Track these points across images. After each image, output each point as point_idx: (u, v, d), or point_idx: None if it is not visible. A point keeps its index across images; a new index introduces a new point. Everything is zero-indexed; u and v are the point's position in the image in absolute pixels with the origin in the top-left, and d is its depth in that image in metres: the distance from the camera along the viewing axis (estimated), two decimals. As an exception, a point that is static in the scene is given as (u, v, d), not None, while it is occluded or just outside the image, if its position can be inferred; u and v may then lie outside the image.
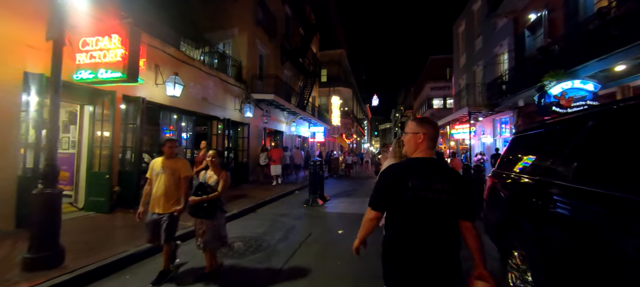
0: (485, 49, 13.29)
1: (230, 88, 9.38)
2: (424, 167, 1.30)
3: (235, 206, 6.06)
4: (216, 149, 8.75)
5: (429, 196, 1.23)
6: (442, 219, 1.25)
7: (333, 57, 30.03)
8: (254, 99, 10.46)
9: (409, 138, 1.38)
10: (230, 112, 9.38)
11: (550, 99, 5.89)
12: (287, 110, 13.51)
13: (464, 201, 1.27)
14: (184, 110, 7.36)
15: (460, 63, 17.35)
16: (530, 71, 8.11)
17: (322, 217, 5.71)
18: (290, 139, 15.37)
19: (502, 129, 12.07)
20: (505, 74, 10.59)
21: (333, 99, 23.23)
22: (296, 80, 16.29)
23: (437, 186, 1.24)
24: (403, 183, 1.26)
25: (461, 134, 14.40)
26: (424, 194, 1.23)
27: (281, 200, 7.66)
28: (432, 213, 1.24)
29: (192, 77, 7.53)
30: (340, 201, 7.47)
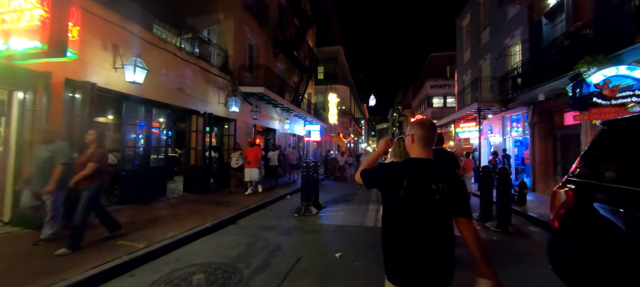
0: (493, 41, 12.36)
1: (213, 79, 8.28)
2: (420, 167, 1.35)
3: (213, 215, 4.98)
4: (195, 147, 7.71)
5: (423, 195, 1.29)
6: (437, 217, 1.29)
7: (330, 54, 29.06)
8: (241, 92, 9.38)
9: (407, 140, 1.47)
10: (214, 106, 8.29)
11: (589, 88, 4.91)
12: (280, 106, 12.44)
13: (459, 200, 1.30)
14: (154, 102, 6.25)
15: (465, 58, 16.44)
16: (554, 60, 7.16)
17: (315, 232, 4.66)
18: (284, 138, 14.30)
19: (513, 127, 11.14)
20: (518, 67, 9.65)
21: (330, 96, 22.21)
22: (290, 74, 15.22)
23: (432, 186, 1.29)
24: (399, 181, 1.32)
25: (467, 133, 13.46)
26: (418, 193, 1.29)
27: (270, 207, 6.59)
28: (427, 211, 1.29)
29: (165, 63, 6.43)
30: (337, 209, 6.43)
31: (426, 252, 1.27)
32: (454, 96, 26.96)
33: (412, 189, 1.29)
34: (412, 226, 1.29)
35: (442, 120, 16.34)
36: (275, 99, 10.79)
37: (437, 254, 1.28)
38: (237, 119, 9.13)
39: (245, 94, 9.66)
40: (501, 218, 4.74)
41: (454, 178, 1.32)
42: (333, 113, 22.24)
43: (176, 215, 5.04)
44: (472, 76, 14.77)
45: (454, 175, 1.34)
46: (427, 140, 1.38)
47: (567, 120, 8.18)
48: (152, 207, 5.55)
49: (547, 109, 8.65)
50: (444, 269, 1.28)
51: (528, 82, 8.62)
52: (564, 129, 8.25)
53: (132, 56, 5.11)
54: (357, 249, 3.77)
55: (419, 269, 1.27)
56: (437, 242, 1.28)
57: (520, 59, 10.00)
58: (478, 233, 1.32)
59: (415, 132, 1.40)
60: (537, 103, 8.96)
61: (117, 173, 5.64)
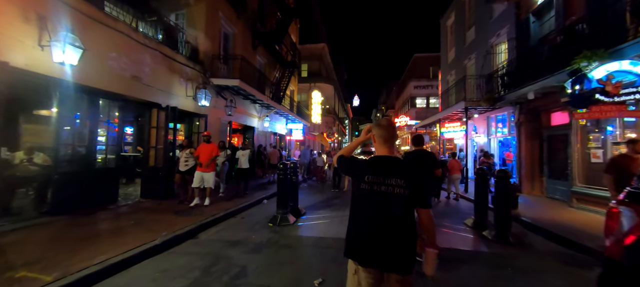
0: (478, 40, 12.21)
1: (179, 68, 7.27)
2: (381, 164, 1.50)
3: (168, 227, 4.09)
4: (155, 146, 6.68)
5: (382, 189, 1.45)
6: (395, 208, 1.43)
7: (314, 52, 28.38)
8: (214, 85, 8.42)
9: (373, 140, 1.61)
10: (180, 99, 7.29)
11: (590, 84, 4.54)
12: (260, 102, 11.54)
13: (416, 193, 1.43)
14: (100, 91, 5.20)
15: (449, 58, 16.35)
16: (545, 57, 6.89)
17: (291, 248, 3.90)
18: (264, 136, 13.39)
19: (498, 127, 11.01)
20: (504, 66, 9.44)
21: (313, 93, 21.49)
22: (271, 69, 14.33)
23: (392, 181, 1.44)
24: (362, 176, 1.50)
25: (452, 133, 13.26)
26: (378, 188, 1.46)
27: (243, 214, 5.76)
28: (386, 203, 1.44)
29: (115, 45, 5.40)
30: (318, 217, 5.71)
31: (382, 235, 1.42)
32: (437, 97, 27.23)
33: (372, 183, 1.46)
34: (372, 216, 1.46)
35: (426, 120, 16.16)
36: (253, 94, 9.90)
37: (394, 238, 1.42)
38: (208, 114, 8.17)
39: (219, 87, 8.70)
40: (501, 227, 4.24)
41: (412, 174, 1.45)
42: (316, 111, 21.54)
43: (120, 229, 4.09)
44: (456, 76, 14.65)
45: (412, 170, 1.47)
46: (384, 138, 1.53)
47: (554, 120, 8.02)
48: (92, 219, 4.54)
49: (535, 108, 8.46)
50: (400, 253, 1.42)
51: (515, 81, 8.38)
52: (551, 129, 8.07)
53: (64, 32, 4.09)
54: (340, 271, 3.07)
55: (375, 251, 1.42)
56: (395, 230, 1.42)
57: (507, 58, 9.82)
58: (433, 221, 1.49)
59: (375, 132, 1.56)
60: (524, 103, 8.77)
61: (47, 177, 4.57)
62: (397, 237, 1.41)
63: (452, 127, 13.09)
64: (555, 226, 4.84)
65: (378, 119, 52.84)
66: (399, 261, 1.41)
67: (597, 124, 6.40)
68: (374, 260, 1.42)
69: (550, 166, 8.03)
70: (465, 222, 5.26)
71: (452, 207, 7.22)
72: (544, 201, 7.40)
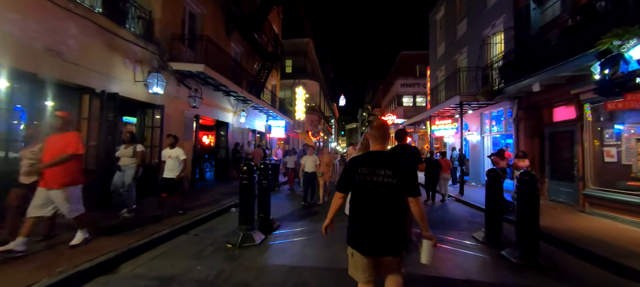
0: (471, 33, 11.53)
1: (124, 47, 5.86)
2: (372, 157, 1.72)
3: (80, 255, 2.78)
4: (87, 142, 5.21)
5: (374, 179, 1.65)
6: (386, 197, 1.63)
7: (299, 47, 27.18)
8: (173, 70, 7.03)
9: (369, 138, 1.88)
10: (126, 85, 5.88)
11: (626, 67, 3.70)
12: (234, 94, 10.21)
13: (405, 183, 1.63)
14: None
15: (438, 54, 15.69)
16: (554, 43, 6.13)
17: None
18: (241, 134, 12.05)
19: (492, 125, 10.34)
20: (499, 59, 8.72)
21: (298, 89, 20.28)
22: (249, 60, 12.99)
23: (381, 172, 1.65)
24: (355, 170, 1.70)
25: (442, 131, 12.52)
26: (370, 178, 1.66)
27: (198, 229, 4.50)
28: (377, 192, 1.64)
29: (17, 5, 3.97)
30: (295, 231, 4.57)
31: (376, 225, 1.63)
32: (424, 95, 26.83)
33: (365, 174, 1.67)
34: (365, 204, 1.68)
35: (415, 118, 15.43)
36: (224, 85, 8.57)
37: (386, 227, 1.63)
38: (165, 105, 6.78)
39: (181, 74, 7.32)
40: (527, 246, 3.29)
41: (400, 165, 1.65)
42: (300, 108, 20.34)
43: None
44: (446, 72, 13.97)
45: (401, 163, 1.67)
46: (375, 137, 1.79)
47: (557, 116, 7.33)
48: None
49: (535, 103, 7.76)
50: (392, 239, 1.63)
51: (515, 73, 7.64)
52: (553, 126, 7.38)
53: None
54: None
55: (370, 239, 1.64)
56: (386, 217, 1.63)
57: (503, 50, 9.12)
58: (423, 209, 1.67)
59: (369, 133, 1.84)
60: (523, 97, 8.07)
61: None
62: (387, 223, 1.63)
63: (443, 124, 12.36)
64: (580, 239, 3.98)
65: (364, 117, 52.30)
66: (390, 245, 1.64)
67: (611, 118, 5.70)
68: (369, 249, 1.65)
69: (552, 166, 7.33)
70: (474, 235, 4.31)
71: (450, 212, 6.32)
72: (548, 205, 6.66)
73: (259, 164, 4.66)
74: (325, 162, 6.73)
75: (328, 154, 7.47)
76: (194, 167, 8.43)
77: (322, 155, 7.16)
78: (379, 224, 1.61)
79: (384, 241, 1.61)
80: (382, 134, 1.77)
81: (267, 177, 4.62)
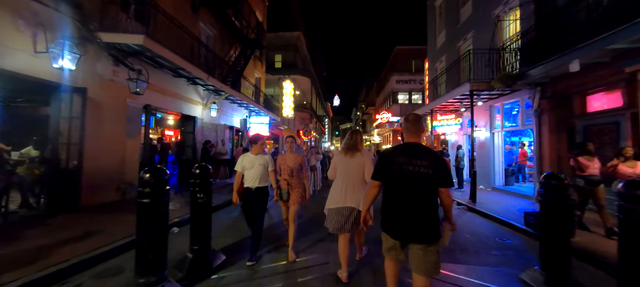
0: (478, 15, 10.12)
1: (15, 1, 4.17)
2: (409, 148, 1.87)
3: None
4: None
5: (410, 168, 1.79)
6: (421, 185, 1.76)
7: (289, 41, 25.57)
8: (104, 43, 5.34)
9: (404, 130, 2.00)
10: (19, 57, 4.18)
11: None
12: (202, 82, 8.54)
13: (439, 173, 1.76)
14: None
15: (438, 43, 14.29)
16: (607, 3, 4.68)
17: None
18: (214, 130, 10.38)
19: (505, 118, 8.92)
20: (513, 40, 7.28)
21: (285, 83, 18.66)
22: (225, 46, 11.34)
23: (417, 162, 1.79)
24: (392, 160, 1.86)
25: (445, 127, 11.07)
26: (406, 168, 1.80)
27: (89, 273, 2.88)
28: (413, 181, 1.77)
29: None
30: (250, 278, 2.98)
31: (410, 212, 1.77)
32: (419, 92, 25.53)
33: (402, 164, 1.81)
34: (401, 192, 1.80)
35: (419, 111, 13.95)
36: (183, 68, 6.90)
37: (420, 214, 1.76)
38: (90, 88, 5.10)
39: (116, 49, 5.63)
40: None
41: (435, 156, 1.81)
42: (288, 104, 18.71)
43: None
44: (447, 62, 12.58)
45: (436, 154, 1.83)
46: (410, 129, 1.93)
47: (593, 105, 5.91)
48: None
49: (564, 90, 6.34)
50: (426, 227, 1.75)
51: (537, 53, 6.21)
52: (588, 118, 5.97)
53: None
54: None
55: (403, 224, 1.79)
56: (420, 205, 1.76)
57: (520, 30, 7.70)
58: (451, 199, 1.82)
59: (404, 126, 1.97)
60: (549, 83, 6.64)
61: None
62: (419, 211, 1.75)
63: (446, 120, 10.92)
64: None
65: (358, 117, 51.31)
66: (422, 232, 1.74)
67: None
68: (397, 234, 1.82)
69: (587, 167, 5.90)
70: (524, 279, 2.78)
71: (468, 229, 4.79)
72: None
73: (194, 168, 3.05)
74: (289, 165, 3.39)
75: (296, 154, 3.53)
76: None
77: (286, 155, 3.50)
78: (410, 212, 1.76)
79: (411, 229, 1.76)
80: (417, 127, 1.93)
81: (205, 189, 3.01)
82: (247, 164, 3.21)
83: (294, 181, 3.34)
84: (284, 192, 3.26)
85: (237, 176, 3.28)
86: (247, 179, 3.21)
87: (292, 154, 3.49)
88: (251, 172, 3.17)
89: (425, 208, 1.74)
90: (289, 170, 3.36)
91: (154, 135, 10.44)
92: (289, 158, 3.45)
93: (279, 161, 3.49)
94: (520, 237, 4.37)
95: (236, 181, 3.28)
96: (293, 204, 3.30)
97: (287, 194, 3.27)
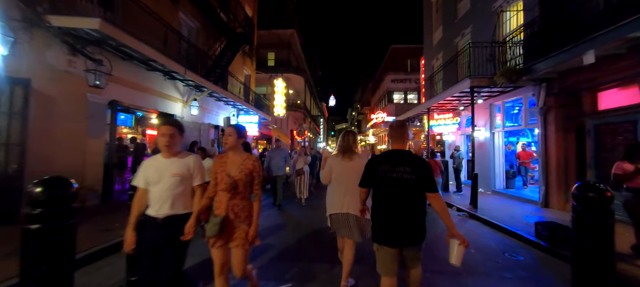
0: (476, 9, 9.60)
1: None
2: (392, 155, 1.87)
3: None
4: None
5: (394, 175, 1.79)
6: (406, 192, 1.77)
7: (282, 38, 24.88)
8: (53, 27, 4.61)
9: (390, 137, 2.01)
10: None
11: None
12: (180, 77, 7.83)
13: (423, 179, 1.76)
14: None
15: (435, 40, 13.78)
16: None
17: None
18: (197, 130, 9.66)
19: (506, 118, 8.41)
20: (515, 34, 6.77)
21: (276, 81, 17.99)
22: (210, 39, 10.64)
23: (400, 168, 1.79)
24: (376, 167, 1.87)
25: (443, 127, 10.53)
26: (390, 175, 1.80)
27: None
28: (397, 187, 1.78)
29: None
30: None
31: (397, 218, 1.77)
32: (415, 92, 25.09)
33: (386, 171, 1.82)
34: (387, 199, 1.81)
35: (410, 112, 13.42)
36: (154, 59, 6.19)
37: (406, 220, 1.77)
38: (33, 79, 4.38)
39: (72, 36, 4.90)
40: None
41: (418, 162, 1.79)
42: (280, 103, 18.04)
43: None
44: (444, 59, 12.06)
45: (418, 160, 1.81)
46: (395, 136, 1.94)
47: (606, 102, 5.39)
48: None
49: (572, 86, 5.82)
50: (413, 232, 1.78)
51: (544, 45, 5.68)
52: (600, 116, 5.45)
53: None
54: None
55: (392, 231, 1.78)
56: (406, 211, 1.77)
57: (523, 22, 7.18)
58: (444, 204, 1.77)
59: (389, 133, 1.98)
60: (556, 79, 6.11)
61: None
62: (407, 216, 1.76)
63: (443, 119, 10.38)
64: None
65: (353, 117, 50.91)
66: (411, 236, 1.77)
67: None
68: (393, 241, 1.78)
69: (599, 172, 5.39)
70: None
71: (471, 242, 4.20)
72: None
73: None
74: (233, 174, 2.00)
75: (246, 154, 2.09)
76: (110, 175, 5.99)
77: (226, 157, 2.08)
78: (400, 217, 1.77)
79: (405, 232, 1.77)
80: (401, 134, 1.95)
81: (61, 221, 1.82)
82: (151, 174, 1.87)
83: (239, 203, 1.92)
84: (214, 223, 1.84)
85: (136, 197, 1.94)
86: (151, 201, 1.87)
87: (238, 153, 2.00)
88: (157, 188, 1.84)
89: (411, 214, 1.76)
90: (229, 183, 1.89)
91: (135, 135, 9.69)
92: (231, 161, 1.97)
93: (215, 166, 1.99)
94: (532, 252, 3.80)
95: (134, 205, 1.92)
96: (237, 246, 1.90)
97: (220, 226, 1.84)
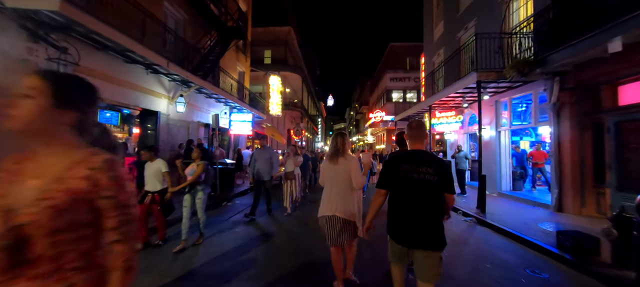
0: (479, 2, 9.11)
1: None
2: (414, 156, 1.86)
3: None
4: None
5: (415, 176, 1.78)
6: (427, 193, 1.76)
7: (279, 36, 24.33)
8: (8, 9, 4.03)
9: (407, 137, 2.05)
10: None
11: None
12: (164, 71, 7.25)
13: (444, 180, 1.78)
14: None
15: (435, 35, 13.29)
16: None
17: None
18: (185, 128, 9.09)
19: (514, 115, 7.91)
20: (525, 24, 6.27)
21: (272, 78, 17.43)
22: (198, 32, 10.06)
23: (422, 169, 1.78)
24: (397, 167, 1.84)
25: (445, 125, 10.03)
26: (411, 175, 1.79)
27: None
28: (419, 188, 1.77)
29: None
30: None
31: (416, 219, 1.76)
32: (414, 91, 24.60)
33: (407, 171, 1.80)
34: (407, 199, 1.79)
35: (410, 110, 12.89)
36: (132, 49, 5.61)
37: (425, 221, 1.75)
38: (-17, 68, 3.80)
39: (32, 20, 4.33)
40: None
41: (439, 163, 1.80)
42: (275, 101, 17.47)
43: None
44: (445, 55, 11.57)
45: (440, 161, 1.83)
46: (414, 136, 1.96)
47: (627, 97, 4.90)
48: None
49: (589, 80, 5.33)
50: (432, 233, 1.74)
51: (558, 34, 5.18)
52: (620, 113, 4.96)
53: None
54: None
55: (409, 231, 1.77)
56: (426, 212, 1.75)
57: (532, 12, 6.68)
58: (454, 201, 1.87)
59: (408, 133, 1.99)
60: (570, 72, 5.61)
61: None
62: (424, 218, 1.74)
63: (445, 117, 9.87)
64: None
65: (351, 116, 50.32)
66: (426, 239, 1.73)
67: None
68: (402, 240, 1.79)
69: (620, 171, 4.90)
70: None
71: (483, 255, 3.67)
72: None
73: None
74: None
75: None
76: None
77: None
78: (415, 219, 1.76)
79: (416, 235, 1.75)
80: (420, 134, 1.95)
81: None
82: None
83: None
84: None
85: None
86: None
87: (61, 148, 0.81)
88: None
89: (430, 215, 1.76)
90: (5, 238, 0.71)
91: (121, 134, 9.09)
92: (33, 171, 0.78)
93: None
94: (557, 268, 3.28)
95: None
96: None
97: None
